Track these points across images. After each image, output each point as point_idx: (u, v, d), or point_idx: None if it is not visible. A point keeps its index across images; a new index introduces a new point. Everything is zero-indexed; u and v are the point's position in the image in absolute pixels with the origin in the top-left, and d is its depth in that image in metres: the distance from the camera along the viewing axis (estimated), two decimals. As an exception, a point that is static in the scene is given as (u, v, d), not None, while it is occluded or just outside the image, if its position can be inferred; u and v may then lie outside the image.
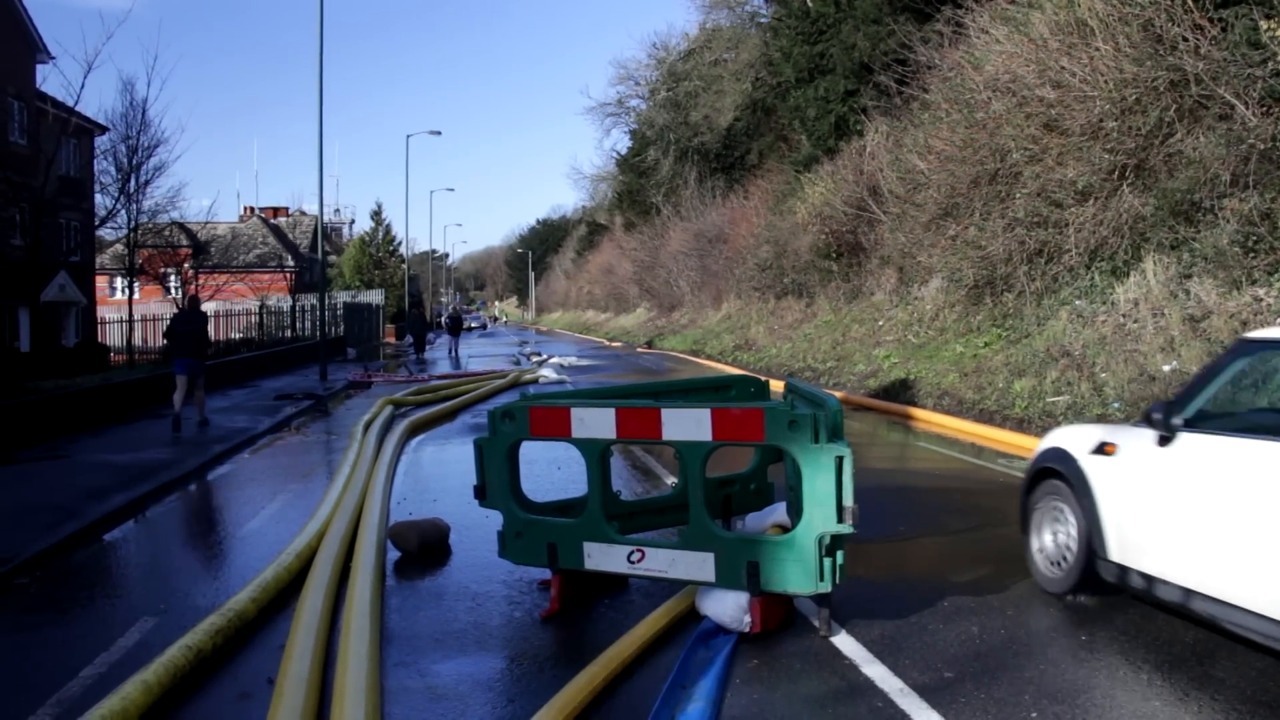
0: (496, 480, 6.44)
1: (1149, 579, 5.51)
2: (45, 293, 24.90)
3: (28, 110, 29.18)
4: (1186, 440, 5.38)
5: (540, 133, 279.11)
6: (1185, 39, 14.12)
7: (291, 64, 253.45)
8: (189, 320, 16.05)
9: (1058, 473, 6.35)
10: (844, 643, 5.65)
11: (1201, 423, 5.41)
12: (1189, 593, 5.22)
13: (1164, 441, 5.47)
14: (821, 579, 5.43)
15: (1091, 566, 5.97)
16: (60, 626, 6.41)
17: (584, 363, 32.99)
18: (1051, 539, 6.44)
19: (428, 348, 39.65)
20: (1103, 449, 6.02)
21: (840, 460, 5.31)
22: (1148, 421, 5.58)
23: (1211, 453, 5.19)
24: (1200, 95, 14.16)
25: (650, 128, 53.38)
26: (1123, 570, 5.72)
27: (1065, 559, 6.25)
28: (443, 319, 40.16)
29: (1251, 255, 12.62)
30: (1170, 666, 5.22)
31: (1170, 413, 5.46)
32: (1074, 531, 6.14)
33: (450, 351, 36.49)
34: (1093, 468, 6.04)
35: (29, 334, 27.57)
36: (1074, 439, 6.40)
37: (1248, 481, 4.86)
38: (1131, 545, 5.66)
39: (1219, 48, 13.77)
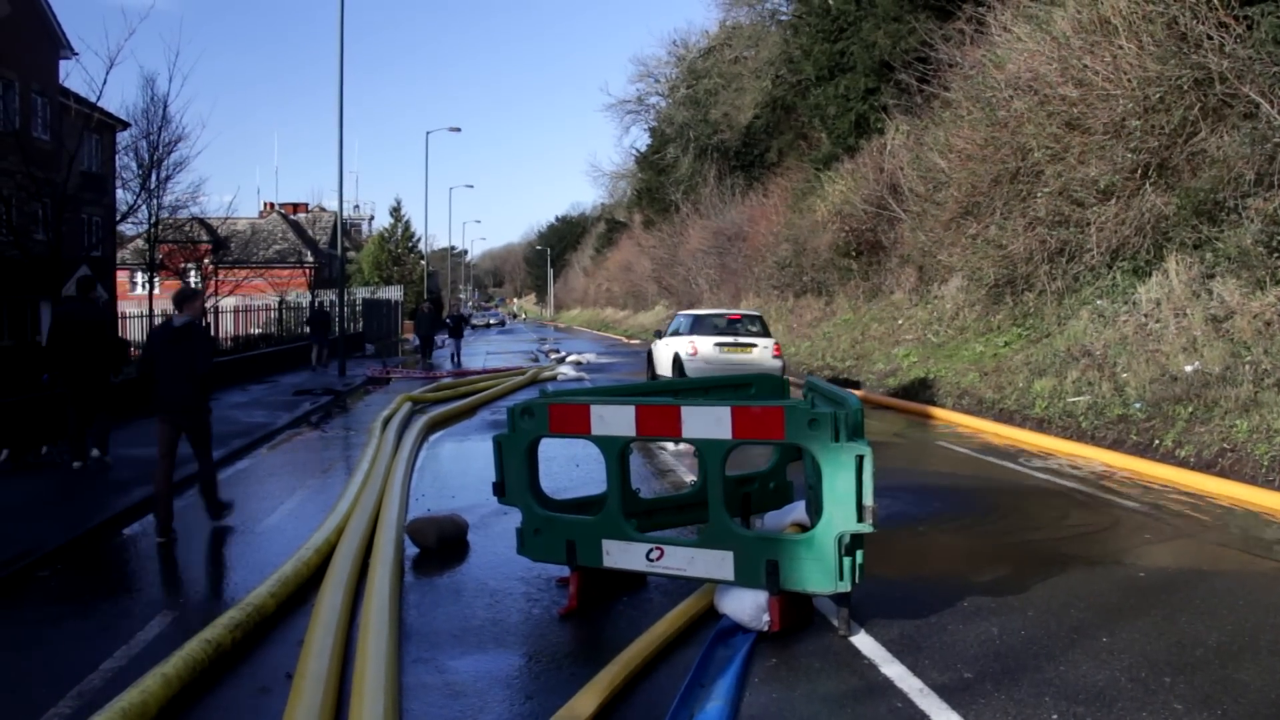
0: (515, 477, 6.44)
1: (665, 377, 19.79)
2: (67, 287, 25.00)
3: (51, 106, 29.36)
4: (663, 340, 21.22)
5: (560, 130, 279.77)
6: (1210, 37, 14.00)
7: (312, 59, 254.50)
8: (318, 313, 30.07)
9: (648, 349, 23.96)
10: (863, 642, 5.62)
11: (664, 335, 21.66)
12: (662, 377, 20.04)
13: (665, 338, 21.15)
14: (841, 578, 5.40)
15: (656, 375, 20.94)
16: (81, 619, 6.45)
17: (603, 360, 33.03)
18: (649, 368, 22.41)
19: (438, 348, 35.94)
20: (653, 346, 22.49)
21: (860, 459, 5.29)
22: (658, 335, 22.78)
23: (665, 341, 20.91)
24: (1225, 94, 14.05)
25: (670, 125, 53.34)
26: (659, 377, 20.54)
27: (658, 375, 21.01)
28: (446, 318, 35.44)
29: (1276, 255, 12.50)
30: (1193, 669, 5.18)
31: (661, 331, 22.99)
32: (661, 365, 20.89)
33: (451, 356, 33.04)
34: (653, 348, 22.39)
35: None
36: (653, 346, 22.54)
37: (667, 347, 20.38)
38: (659, 367, 21.00)
39: (1244, 45, 13.65)
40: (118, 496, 9.93)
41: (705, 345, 18.90)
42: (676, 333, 20.30)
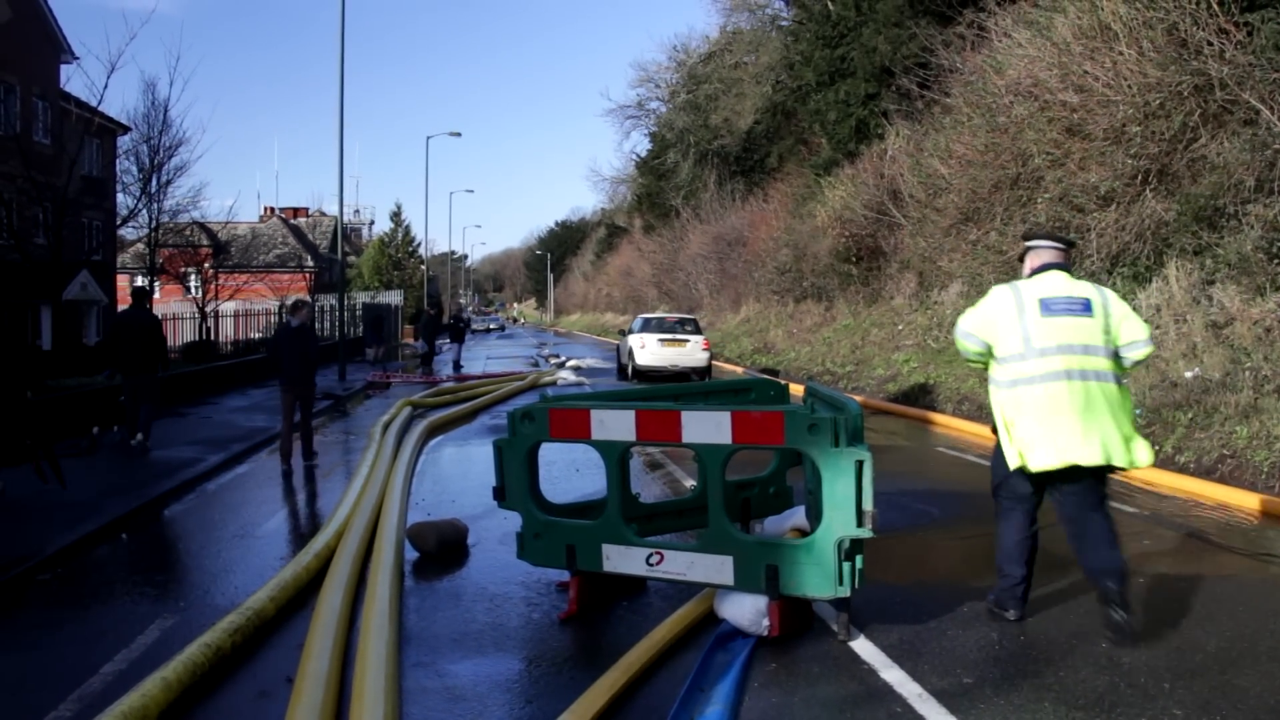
0: (516, 481, 6.43)
1: (625, 366, 26.63)
2: (67, 291, 25.08)
3: (52, 110, 29.42)
4: (626, 337, 27.14)
5: (560, 135, 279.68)
6: (1210, 43, 14.02)
7: (312, 63, 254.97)
8: (373, 316, 34.79)
9: (617, 345, 29.95)
10: (862, 647, 5.62)
11: (628, 333, 27.17)
12: (635, 365, 25.63)
13: (626, 336, 27.26)
14: (840, 583, 5.40)
15: (625, 367, 26.67)
16: (81, 623, 6.45)
17: (603, 364, 33.00)
18: (618, 359, 28.52)
19: (438, 354, 34.64)
20: (620, 342, 28.62)
21: (860, 464, 5.29)
22: (623, 334, 28.62)
23: (627, 338, 26.98)
24: (1225, 100, 14.07)
25: (670, 130, 53.36)
26: (623, 366, 27.11)
27: (623, 364, 27.13)
28: (453, 320, 33.93)
29: (1276, 261, 12.51)
30: (1192, 674, 5.18)
31: (624, 331, 29.15)
32: (623, 357, 27.08)
33: (454, 361, 32.24)
34: (620, 344, 28.60)
35: (51, 332, 27.78)
36: (620, 342, 28.80)
37: (626, 342, 26.91)
38: (624, 356, 26.92)
39: (1244, 52, 13.67)
40: (154, 485, 9.95)
41: (651, 341, 25.50)
42: (634, 331, 26.89)
